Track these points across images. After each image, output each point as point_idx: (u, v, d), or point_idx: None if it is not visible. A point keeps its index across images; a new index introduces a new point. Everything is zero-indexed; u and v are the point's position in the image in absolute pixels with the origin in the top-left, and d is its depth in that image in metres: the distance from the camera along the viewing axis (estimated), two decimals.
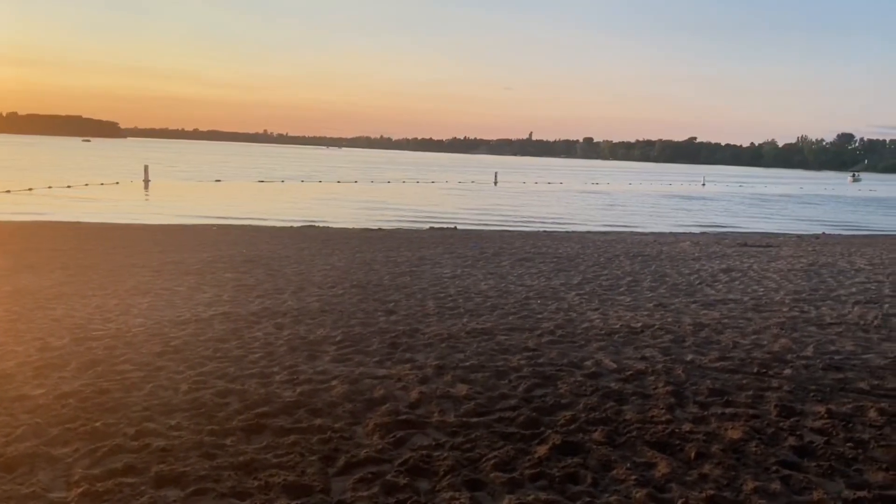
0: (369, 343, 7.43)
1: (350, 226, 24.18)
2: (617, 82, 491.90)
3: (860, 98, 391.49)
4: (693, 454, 4.66)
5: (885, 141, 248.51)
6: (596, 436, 4.93)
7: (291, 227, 23.07)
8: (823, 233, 27.60)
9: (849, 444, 4.90)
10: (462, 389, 5.89)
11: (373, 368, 6.54)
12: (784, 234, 25.42)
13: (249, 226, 23.06)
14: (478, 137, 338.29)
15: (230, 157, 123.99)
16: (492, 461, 4.50)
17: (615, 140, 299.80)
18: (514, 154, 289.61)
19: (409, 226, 25.14)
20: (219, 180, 51.59)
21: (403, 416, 5.25)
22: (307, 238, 18.95)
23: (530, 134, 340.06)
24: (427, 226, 24.74)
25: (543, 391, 5.91)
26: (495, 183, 62.69)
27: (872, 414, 5.48)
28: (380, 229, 22.97)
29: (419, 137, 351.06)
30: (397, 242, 18.09)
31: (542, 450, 4.68)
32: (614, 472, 4.41)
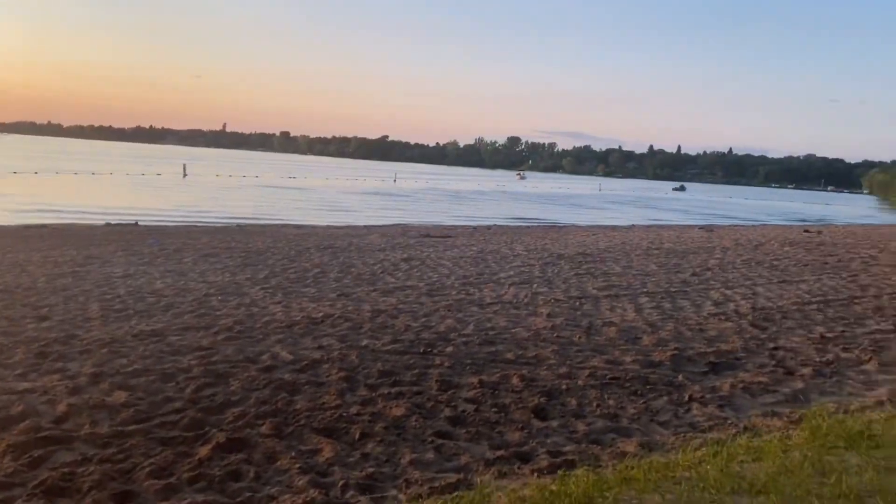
0: (11, 354, 6.49)
1: (3, 223, 20.96)
2: (314, 77, 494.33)
3: (526, 105, 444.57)
4: (358, 435, 4.84)
5: (545, 144, 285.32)
6: (264, 429, 4.88)
7: None
8: (495, 224, 30.73)
9: (494, 410, 5.48)
10: (121, 397, 5.42)
11: (13, 382, 5.72)
12: (462, 226, 27.81)
13: None
14: (165, 127, 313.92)
15: None
16: (147, 469, 4.20)
17: (312, 135, 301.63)
18: (207, 145, 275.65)
19: (80, 222, 22.54)
20: None
21: (45, 433, 4.66)
22: None
23: (224, 125, 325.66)
24: (103, 222, 22.45)
25: (213, 390, 5.68)
26: (184, 175, 59.27)
27: (515, 380, 6.20)
28: (43, 226, 20.29)
29: (96, 125, 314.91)
30: (62, 241, 16.13)
31: (204, 450, 4.49)
32: (279, 463, 4.39)
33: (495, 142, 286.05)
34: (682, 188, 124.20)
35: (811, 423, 4.89)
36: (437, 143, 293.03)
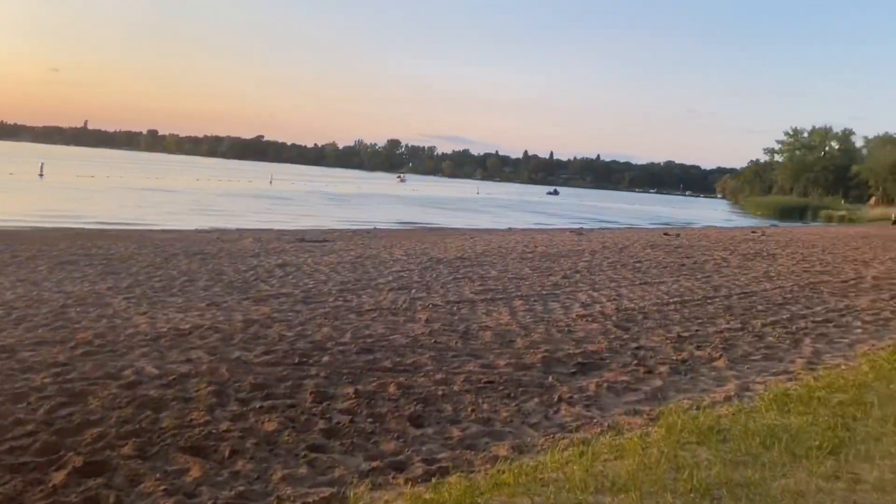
0: None
1: None
2: (184, 73, 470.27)
3: (406, 108, 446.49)
4: (227, 453, 4.69)
5: (424, 147, 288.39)
6: (126, 450, 4.63)
7: None
8: (376, 227, 30.64)
9: (369, 420, 5.47)
10: None
11: None
12: (341, 229, 27.53)
13: None
14: (18, 123, 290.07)
15: None
16: None
17: (182, 134, 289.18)
18: (67, 144, 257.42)
19: None
20: None
21: None
22: None
23: (86, 122, 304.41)
24: None
25: (70, 410, 5.33)
26: (41, 175, 55.19)
27: (392, 389, 6.21)
28: None
29: None
30: None
31: (59, 476, 4.21)
32: (143, 485, 4.19)
33: (375, 144, 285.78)
34: (555, 192, 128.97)
35: (667, 420, 5.21)
36: (316, 144, 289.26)
